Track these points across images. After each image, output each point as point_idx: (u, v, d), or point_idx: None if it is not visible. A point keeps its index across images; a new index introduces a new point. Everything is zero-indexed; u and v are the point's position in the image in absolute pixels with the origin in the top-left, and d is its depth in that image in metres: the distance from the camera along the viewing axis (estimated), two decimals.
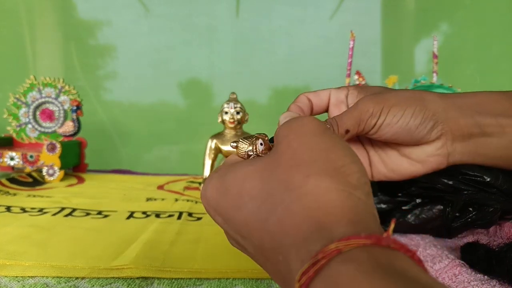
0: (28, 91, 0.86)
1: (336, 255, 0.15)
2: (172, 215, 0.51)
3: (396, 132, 0.31)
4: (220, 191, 0.23)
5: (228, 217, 0.22)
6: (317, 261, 0.15)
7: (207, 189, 0.24)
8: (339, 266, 0.15)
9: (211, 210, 0.24)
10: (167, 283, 0.32)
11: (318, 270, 0.15)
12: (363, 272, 0.14)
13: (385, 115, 0.31)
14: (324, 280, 0.15)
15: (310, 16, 1.29)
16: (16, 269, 0.33)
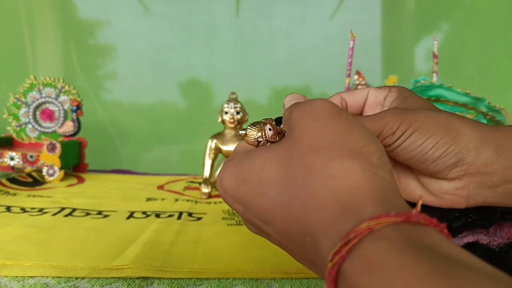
0: (28, 91, 0.86)
1: (368, 234, 0.15)
2: (172, 215, 0.51)
3: (411, 157, 0.28)
4: (239, 179, 0.23)
5: (249, 204, 0.22)
6: (349, 241, 0.15)
7: (223, 178, 0.24)
8: (371, 244, 0.15)
9: (229, 198, 0.24)
10: (167, 283, 0.32)
11: (350, 249, 0.15)
12: (395, 250, 0.14)
13: (406, 138, 0.27)
14: (357, 259, 0.15)
15: (310, 16, 1.29)
16: (16, 269, 0.33)
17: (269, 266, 0.35)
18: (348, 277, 0.15)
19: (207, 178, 0.67)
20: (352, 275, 0.15)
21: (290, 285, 0.32)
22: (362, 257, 0.15)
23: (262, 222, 0.22)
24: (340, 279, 0.16)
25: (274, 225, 0.21)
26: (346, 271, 0.15)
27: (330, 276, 0.16)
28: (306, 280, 0.33)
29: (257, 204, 0.21)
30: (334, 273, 0.16)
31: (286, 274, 0.33)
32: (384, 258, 0.14)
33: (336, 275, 0.16)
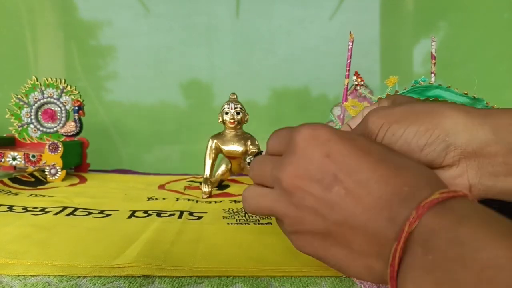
0: (30, 92, 0.87)
1: (463, 195, 0.20)
2: (173, 214, 0.52)
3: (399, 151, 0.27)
4: (345, 138, 0.24)
5: (344, 159, 0.23)
6: (456, 191, 0.20)
7: (321, 128, 0.24)
8: (460, 200, 0.20)
9: (316, 146, 0.24)
10: (168, 282, 0.32)
11: (457, 196, 0.20)
12: (473, 204, 0.20)
13: (384, 132, 0.27)
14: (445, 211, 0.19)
15: (310, 16, 1.29)
16: (18, 268, 0.33)
17: (269, 264, 0.35)
18: (450, 207, 0.19)
19: (207, 177, 0.67)
20: (455, 206, 0.19)
21: (289, 283, 0.32)
22: (450, 210, 0.19)
23: (347, 171, 0.22)
24: (435, 209, 0.19)
25: (365, 176, 0.22)
26: (448, 203, 0.19)
27: (430, 203, 0.19)
28: (306, 279, 0.33)
29: (358, 155, 0.23)
30: (434, 203, 0.19)
31: (286, 273, 0.34)
32: (470, 213, 0.19)
33: (432, 207, 0.19)
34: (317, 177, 0.23)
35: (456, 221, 0.18)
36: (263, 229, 0.46)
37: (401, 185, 0.21)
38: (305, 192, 0.23)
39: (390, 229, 0.20)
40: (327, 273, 0.34)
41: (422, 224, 0.19)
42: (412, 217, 0.19)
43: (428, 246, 0.18)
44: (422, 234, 0.19)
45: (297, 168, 0.24)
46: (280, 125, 0.29)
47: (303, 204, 0.24)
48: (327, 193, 0.23)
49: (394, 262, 0.19)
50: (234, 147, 0.66)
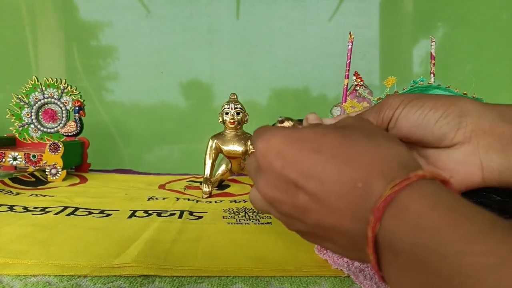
0: (30, 92, 0.87)
1: (418, 179, 0.19)
2: (174, 214, 0.52)
3: (413, 125, 0.29)
4: (293, 138, 0.24)
5: (297, 160, 0.23)
6: (408, 178, 0.19)
7: (271, 136, 0.25)
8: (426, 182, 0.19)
9: (271, 154, 0.24)
10: (168, 281, 0.32)
11: (409, 184, 0.19)
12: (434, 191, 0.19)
13: (403, 107, 0.29)
14: (417, 192, 0.19)
15: (310, 17, 1.29)
16: (18, 267, 0.33)
17: (269, 264, 0.35)
18: (404, 206, 0.18)
19: (208, 177, 0.67)
20: (410, 203, 0.18)
21: (289, 283, 0.32)
22: (423, 191, 0.19)
23: (304, 177, 0.22)
24: (391, 209, 0.19)
25: (321, 178, 0.22)
26: (402, 200, 0.19)
27: (384, 203, 0.19)
28: (305, 278, 0.33)
29: (310, 159, 0.22)
30: (387, 201, 0.19)
31: (286, 272, 0.34)
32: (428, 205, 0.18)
33: (387, 206, 0.19)
34: (283, 187, 0.24)
35: (415, 224, 0.18)
36: (263, 229, 0.47)
37: (354, 181, 0.21)
38: (280, 202, 0.24)
39: (357, 229, 0.21)
40: (327, 273, 0.34)
41: (383, 227, 0.19)
42: (371, 221, 0.19)
43: (395, 250, 0.18)
44: (386, 239, 0.19)
45: (266, 182, 0.25)
46: None
47: (283, 212, 0.25)
48: (295, 201, 0.23)
49: (373, 263, 0.20)
50: (234, 147, 0.66)
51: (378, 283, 0.31)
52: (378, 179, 0.20)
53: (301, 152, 0.23)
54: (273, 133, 0.25)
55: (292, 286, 0.32)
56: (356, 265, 0.34)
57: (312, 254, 0.37)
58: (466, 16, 1.28)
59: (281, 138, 0.24)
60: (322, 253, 0.36)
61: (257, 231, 0.45)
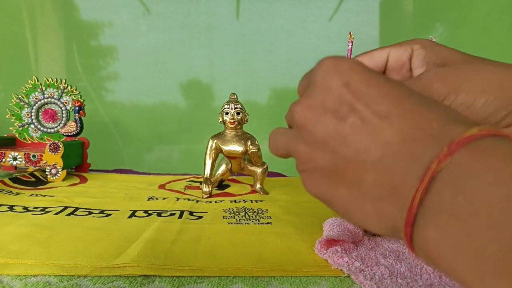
0: (30, 92, 0.87)
1: (498, 133, 0.17)
2: (173, 214, 0.52)
3: (464, 111, 0.27)
4: (369, 69, 0.21)
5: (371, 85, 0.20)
6: (490, 130, 0.17)
7: (344, 59, 0.22)
8: (503, 140, 0.16)
9: (340, 69, 0.21)
10: (168, 281, 0.32)
11: (493, 134, 0.17)
12: None
13: (450, 101, 0.27)
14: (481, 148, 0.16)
15: (312, 15, 1.29)
16: (18, 267, 0.33)
17: (269, 264, 0.35)
18: (490, 145, 0.16)
19: (207, 177, 0.67)
20: (498, 145, 0.16)
21: (289, 283, 0.32)
22: (491, 148, 0.16)
23: (370, 99, 0.20)
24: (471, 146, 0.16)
25: (390, 103, 0.19)
26: (488, 142, 0.16)
27: (467, 139, 0.16)
28: (305, 278, 0.33)
29: (385, 87, 0.20)
30: (471, 139, 0.16)
31: (286, 272, 0.34)
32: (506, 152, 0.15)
33: (467, 143, 0.16)
34: (332, 107, 0.21)
35: (501, 158, 0.15)
36: (263, 228, 0.46)
37: (430, 120, 0.18)
38: (317, 123, 0.21)
39: (410, 168, 0.17)
40: (327, 273, 0.34)
41: (455, 161, 0.16)
42: (442, 153, 0.16)
43: (459, 186, 0.15)
44: (454, 172, 0.16)
45: (312, 99, 0.22)
46: (280, 125, 0.29)
47: (313, 137, 0.22)
48: (340, 123, 0.20)
49: (413, 204, 0.17)
50: (234, 147, 0.66)
51: (378, 283, 0.31)
52: (460, 125, 0.17)
53: (375, 78, 0.20)
54: (348, 58, 0.22)
55: (292, 286, 0.32)
56: (356, 265, 0.34)
57: (312, 254, 0.37)
58: (465, 16, 1.28)
59: (356, 62, 0.22)
60: (322, 253, 0.36)
61: (257, 231, 0.45)
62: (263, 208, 0.58)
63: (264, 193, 0.69)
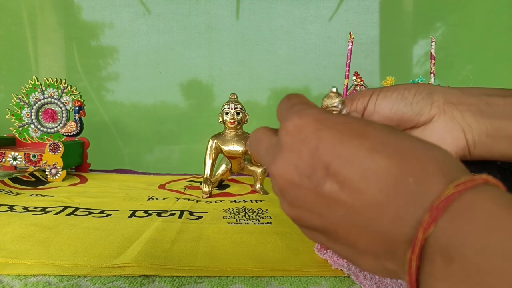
0: (30, 92, 0.87)
1: (484, 182, 0.17)
2: (174, 214, 0.52)
3: (393, 104, 0.30)
4: (335, 120, 0.21)
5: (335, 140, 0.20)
6: (474, 179, 0.17)
7: (310, 114, 0.22)
8: (491, 187, 0.17)
9: (308, 131, 0.21)
10: (168, 281, 0.32)
11: (476, 185, 0.17)
12: (501, 194, 0.16)
13: (377, 92, 0.31)
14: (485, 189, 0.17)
15: (312, 15, 1.28)
16: (18, 267, 0.33)
17: (269, 264, 0.35)
18: (471, 205, 0.16)
19: (208, 177, 0.67)
20: (479, 202, 0.16)
21: (289, 283, 0.32)
22: (491, 193, 0.16)
23: (341, 161, 0.19)
24: (452, 209, 0.16)
25: (362, 164, 0.19)
26: (468, 200, 0.16)
27: (446, 202, 0.16)
28: (305, 278, 0.33)
29: (352, 143, 0.20)
30: (449, 200, 0.16)
31: (286, 272, 0.34)
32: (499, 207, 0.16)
33: (447, 206, 0.16)
34: (306, 172, 0.21)
35: (484, 224, 0.15)
36: (263, 228, 0.46)
37: (406, 175, 0.18)
38: (297, 189, 0.21)
39: (398, 230, 0.18)
40: (327, 273, 0.34)
41: (439, 228, 0.16)
42: (425, 221, 0.16)
43: (450, 254, 0.16)
44: (441, 240, 0.16)
45: (286, 164, 0.22)
46: None
47: (297, 203, 0.22)
48: (319, 189, 0.20)
49: (411, 271, 0.17)
50: (234, 147, 0.66)
51: (378, 283, 0.31)
52: (436, 176, 0.17)
53: (343, 134, 0.20)
54: (311, 110, 0.22)
55: (292, 286, 0.32)
56: None
57: (312, 254, 0.37)
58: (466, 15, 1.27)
59: (321, 118, 0.21)
60: (322, 253, 0.36)
61: (257, 231, 0.45)
62: (263, 208, 0.58)
63: (264, 193, 0.69)
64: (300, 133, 0.21)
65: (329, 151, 0.20)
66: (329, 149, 0.20)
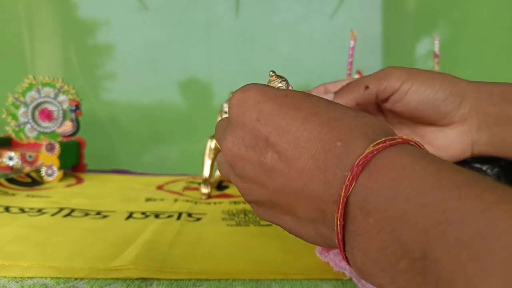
0: (27, 91, 0.86)
1: (403, 142, 0.18)
2: (172, 216, 0.51)
3: (422, 101, 0.30)
4: (276, 95, 0.22)
5: (277, 113, 0.21)
6: (394, 139, 0.18)
7: (250, 89, 0.23)
8: (411, 146, 0.18)
9: (248, 104, 0.22)
10: (166, 284, 0.32)
11: (395, 144, 0.18)
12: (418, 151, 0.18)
13: (411, 82, 0.30)
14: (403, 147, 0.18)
15: (315, 11, 1.26)
16: (14, 269, 0.33)
17: (269, 267, 0.35)
18: (387, 161, 0.17)
19: (206, 178, 0.67)
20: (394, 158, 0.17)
21: (290, 286, 0.32)
22: (408, 150, 0.17)
23: (278, 132, 0.21)
24: (371, 165, 0.17)
25: (296, 133, 0.20)
26: (386, 157, 0.17)
27: (365, 159, 0.17)
28: (307, 281, 0.33)
29: (289, 114, 0.21)
30: (369, 158, 0.17)
31: (286, 275, 0.33)
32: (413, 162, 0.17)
33: (367, 163, 0.17)
34: (251, 144, 0.22)
35: (396, 175, 0.16)
36: (263, 230, 0.46)
37: (334, 140, 0.19)
38: (244, 161, 0.23)
39: (327, 192, 0.19)
40: (328, 276, 0.33)
41: (359, 184, 0.17)
42: (347, 179, 0.17)
43: (367, 208, 0.17)
44: (360, 196, 0.17)
45: (233, 137, 0.23)
46: None
47: (244, 174, 0.23)
48: (262, 159, 0.21)
49: (338, 230, 0.18)
50: None
51: None
52: (361, 139, 0.18)
53: (281, 107, 0.21)
54: (255, 85, 0.24)
55: None
56: None
57: (313, 256, 0.37)
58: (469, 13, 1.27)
59: (262, 91, 0.23)
60: (324, 255, 0.36)
61: (257, 233, 0.45)
62: None
63: None
64: (243, 106, 0.23)
65: (269, 122, 0.21)
66: (269, 120, 0.21)
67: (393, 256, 0.15)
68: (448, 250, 0.13)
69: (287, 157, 0.20)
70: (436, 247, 0.13)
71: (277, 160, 0.21)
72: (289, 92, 0.22)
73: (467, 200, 0.13)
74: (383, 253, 0.16)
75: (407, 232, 0.14)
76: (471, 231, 0.12)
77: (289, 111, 0.21)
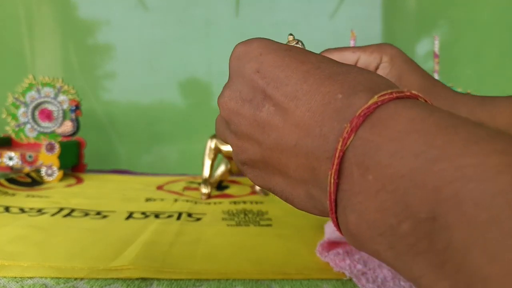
0: (27, 91, 0.86)
1: (411, 95, 0.16)
2: (172, 216, 0.51)
3: None
4: (281, 48, 0.21)
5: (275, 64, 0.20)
6: (401, 91, 0.16)
7: (254, 41, 0.22)
8: (419, 101, 0.16)
9: (249, 56, 0.21)
10: (166, 284, 0.31)
11: (402, 97, 0.16)
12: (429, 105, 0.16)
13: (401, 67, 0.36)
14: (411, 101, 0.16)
15: (317, 9, 1.26)
16: (14, 269, 0.33)
17: (269, 266, 0.35)
18: (392, 112, 0.15)
19: (206, 178, 0.67)
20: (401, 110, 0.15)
21: (290, 286, 0.32)
22: (417, 103, 0.16)
23: (276, 83, 0.19)
24: (373, 117, 0.15)
25: (295, 86, 0.19)
26: (391, 108, 0.15)
27: (367, 110, 0.15)
28: (307, 281, 0.32)
29: (290, 67, 0.20)
30: (372, 109, 0.16)
31: (286, 275, 0.33)
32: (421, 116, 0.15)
33: (369, 115, 0.16)
34: (248, 97, 0.21)
35: (403, 128, 0.14)
36: (263, 231, 0.46)
37: (335, 93, 0.17)
38: (239, 116, 0.21)
39: (321, 148, 0.17)
40: (328, 276, 0.33)
41: (358, 137, 0.15)
42: (345, 131, 0.15)
43: (366, 164, 0.15)
44: (359, 150, 0.15)
45: (231, 90, 0.22)
46: None
47: (239, 129, 0.22)
48: (257, 113, 0.20)
49: (330, 190, 0.16)
50: None
51: (380, 285, 0.30)
52: (364, 91, 0.17)
53: (283, 59, 0.20)
54: (258, 38, 0.22)
55: None
56: (358, 267, 0.33)
57: (313, 256, 0.37)
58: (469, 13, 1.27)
59: (266, 43, 0.21)
60: (324, 255, 0.36)
61: (257, 233, 0.45)
62: (263, 209, 0.57)
63: (264, 195, 0.69)
64: (244, 58, 0.21)
65: (268, 73, 0.20)
66: (269, 72, 0.20)
67: (394, 218, 0.13)
68: (463, 212, 0.11)
69: (283, 110, 0.19)
70: (449, 209, 0.11)
71: (273, 114, 0.19)
72: (294, 47, 0.21)
73: (488, 155, 0.12)
74: (382, 215, 0.14)
75: (413, 192, 0.13)
76: (492, 190, 0.11)
77: (291, 64, 0.19)
